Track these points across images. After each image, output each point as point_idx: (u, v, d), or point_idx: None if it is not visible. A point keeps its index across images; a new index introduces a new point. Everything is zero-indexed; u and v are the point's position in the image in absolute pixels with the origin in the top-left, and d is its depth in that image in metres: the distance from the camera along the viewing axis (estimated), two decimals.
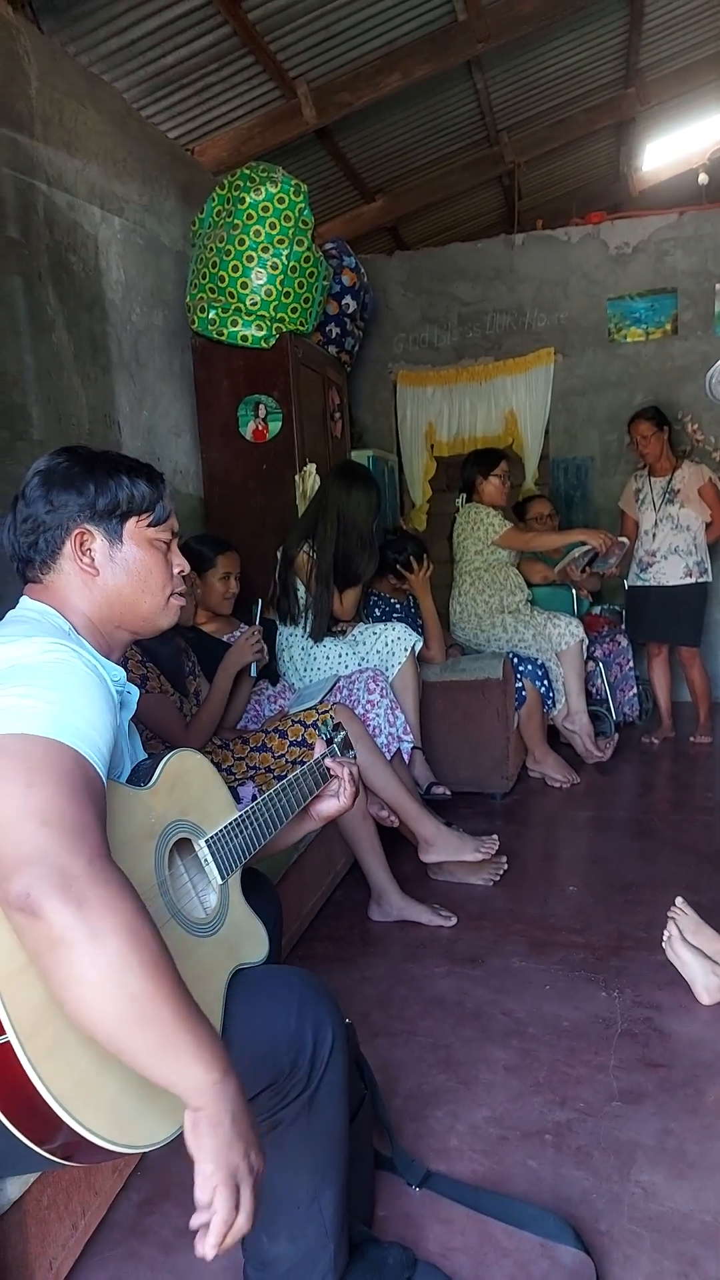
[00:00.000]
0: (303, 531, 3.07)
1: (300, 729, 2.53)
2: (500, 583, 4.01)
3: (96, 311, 3.23)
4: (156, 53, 3.37)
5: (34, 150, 2.87)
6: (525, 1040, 1.94)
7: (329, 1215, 1.18)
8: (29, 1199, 1.22)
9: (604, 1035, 1.95)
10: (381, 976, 2.26)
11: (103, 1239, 1.45)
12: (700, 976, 2.02)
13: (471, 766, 3.61)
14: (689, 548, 4.29)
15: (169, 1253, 1.42)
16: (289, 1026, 1.12)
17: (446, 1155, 1.61)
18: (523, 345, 5.31)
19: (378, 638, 3.08)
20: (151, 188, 3.63)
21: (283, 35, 3.57)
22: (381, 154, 4.93)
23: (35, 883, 0.80)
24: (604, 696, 4.50)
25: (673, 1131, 1.63)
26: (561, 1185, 1.52)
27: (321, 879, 2.66)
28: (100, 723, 0.98)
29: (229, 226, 3.46)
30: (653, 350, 5.15)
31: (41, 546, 1.18)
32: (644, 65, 4.81)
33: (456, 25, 3.84)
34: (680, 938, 2.07)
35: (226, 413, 3.80)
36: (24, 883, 0.80)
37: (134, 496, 1.20)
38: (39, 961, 0.82)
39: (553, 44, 4.36)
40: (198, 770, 1.22)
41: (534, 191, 5.99)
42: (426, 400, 5.51)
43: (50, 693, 0.95)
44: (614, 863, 2.93)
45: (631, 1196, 1.48)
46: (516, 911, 2.59)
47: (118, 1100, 0.88)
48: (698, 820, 3.30)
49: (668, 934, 2.09)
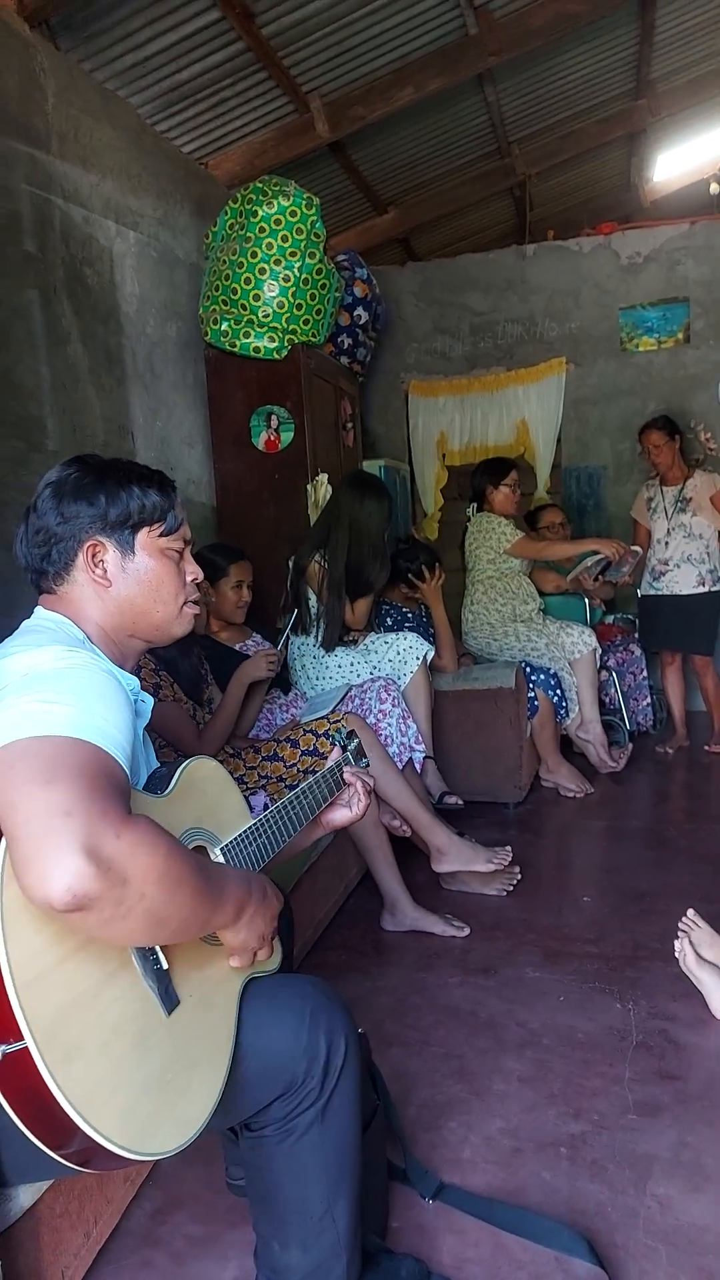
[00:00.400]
0: (315, 541, 3.08)
1: (312, 738, 2.53)
2: (513, 592, 4.01)
3: (111, 324, 3.26)
4: (171, 69, 3.41)
5: (50, 166, 2.90)
6: (539, 1051, 1.93)
7: (342, 1225, 1.18)
8: (42, 1206, 1.22)
9: (619, 1047, 1.93)
10: (394, 986, 2.25)
11: (115, 1247, 1.45)
12: (716, 991, 2.00)
13: (484, 776, 3.60)
14: (702, 556, 4.27)
15: (181, 1262, 1.42)
16: (302, 1035, 1.12)
17: (460, 1166, 1.60)
18: (534, 355, 5.32)
19: (389, 647, 3.08)
20: (166, 202, 3.66)
21: (296, 51, 3.60)
22: (393, 167, 4.96)
23: (75, 881, 0.81)
24: (617, 706, 4.48)
25: (689, 1144, 1.62)
26: (576, 1198, 1.51)
27: (334, 888, 2.66)
28: (120, 721, 0.99)
29: (242, 239, 3.49)
30: (665, 359, 5.15)
31: (54, 558, 1.19)
32: (655, 77, 4.82)
33: (468, 39, 3.86)
34: (694, 954, 2.05)
35: (239, 423, 3.82)
36: (64, 884, 0.81)
37: (145, 507, 1.21)
38: (97, 934, 0.89)
39: (564, 56, 4.38)
40: (213, 777, 1.23)
41: (545, 202, 6.00)
42: (438, 410, 5.52)
43: (69, 696, 0.96)
44: (628, 872, 2.91)
45: (647, 1210, 1.47)
46: (530, 921, 2.58)
47: (133, 1107, 0.88)
48: (713, 829, 3.28)
49: (680, 949, 2.07)
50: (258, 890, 1.10)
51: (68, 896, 0.81)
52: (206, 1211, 1.53)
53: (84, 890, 0.81)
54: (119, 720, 0.99)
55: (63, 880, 0.81)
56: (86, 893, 0.81)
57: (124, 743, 0.98)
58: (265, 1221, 1.19)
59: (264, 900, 1.11)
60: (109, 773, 0.92)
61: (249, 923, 1.08)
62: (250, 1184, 1.21)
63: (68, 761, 0.88)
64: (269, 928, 1.12)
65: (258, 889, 1.10)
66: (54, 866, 0.81)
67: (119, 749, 0.96)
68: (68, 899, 0.81)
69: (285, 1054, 1.11)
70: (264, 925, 1.11)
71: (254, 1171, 1.19)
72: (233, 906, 1.04)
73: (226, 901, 1.02)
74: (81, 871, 0.81)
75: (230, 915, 1.04)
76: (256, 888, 1.10)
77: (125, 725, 1.00)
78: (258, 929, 1.10)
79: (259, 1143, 1.16)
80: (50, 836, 0.82)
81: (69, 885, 0.81)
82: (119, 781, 0.93)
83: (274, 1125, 1.14)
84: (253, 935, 1.09)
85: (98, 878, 0.82)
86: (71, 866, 0.81)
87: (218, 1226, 1.49)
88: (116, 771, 0.93)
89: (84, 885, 0.81)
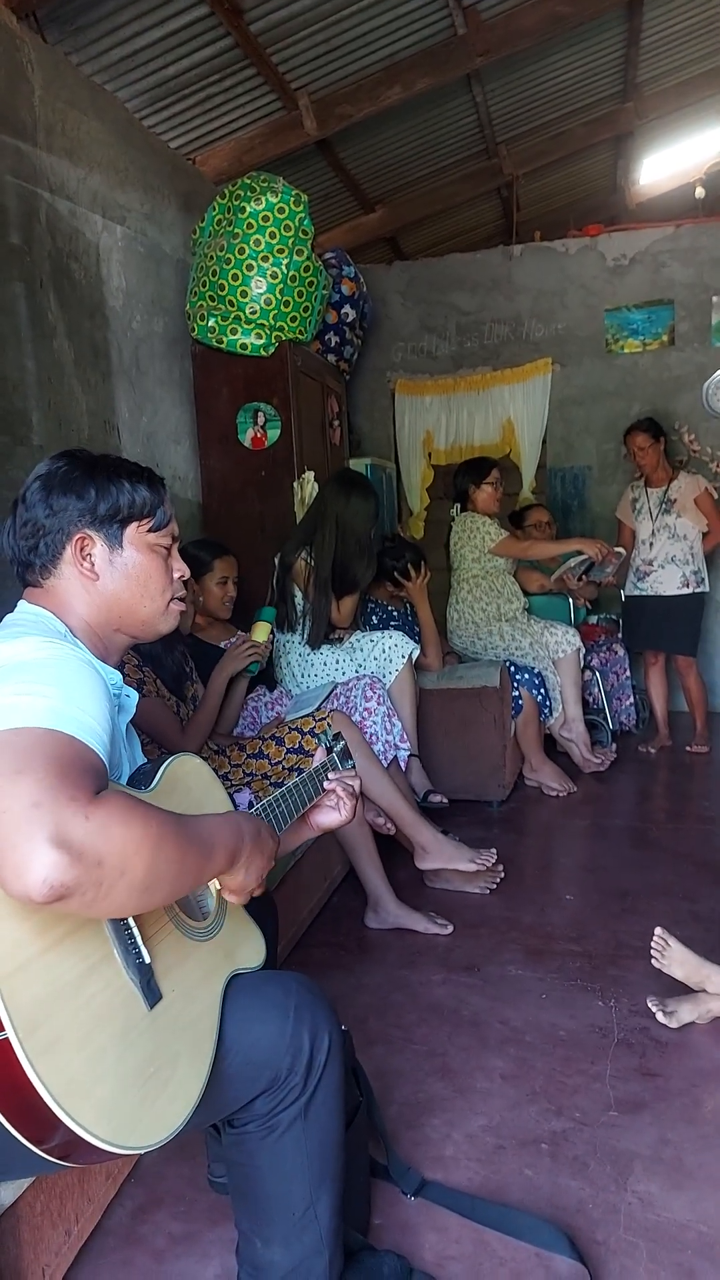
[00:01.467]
0: (300, 538, 3.07)
1: (298, 736, 2.52)
2: (497, 591, 4.02)
3: (97, 318, 3.24)
4: (159, 63, 3.39)
5: (37, 158, 2.88)
6: (522, 1049, 1.94)
7: (325, 1222, 1.18)
8: (23, 1204, 1.22)
9: (600, 1044, 1.94)
10: (378, 984, 2.25)
11: (96, 1246, 1.44)
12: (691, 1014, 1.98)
13: (468, 774, 3.61)
14: (686, 557, 4.30)
15: (162, 1260, 1.42)
16: (285, 1031, 1.12)
17: (442, 1163, 1.60)
18: (520, 355, 5.34)
19: (375, 645, 3.08)
20: (153, 197, 3.64)
21: (284, 47, 3.60)
22: (381, 165, 4.96)
23: (50, 872, 0.80)
24: (600, 705, 4.50)
25: (670, 1141, 1.63)
26: (558, 1194, 1.51)
27: (318, 885, 2.66)
28: (97, 711, 0.98)
29: (229, 235, 3.48)
30: (650, 361, 5.18)
31: (42, 551, 1.18)
32: (642, 80, 4.84)
33: (456, 39, 3.87)
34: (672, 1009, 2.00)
35: (225, 420, 3.81)
36: (40, 877, 0.80)
37: (134, 501, 1.20)
38: (86, 914, 0.89)
39: (551, 58, 4.39)
40: (197, 774, 1.22)
41: (532, 203, 6.02)
42: (424, 409, 5.53)
43: (46, 687, 0.95)
44: (611, 871, 2.93)
45: (628, 1206, 1.48)
46: (513, 920, 2.58)
47: (115, 1100, 0.88)
48: (694, 829, 3.30)
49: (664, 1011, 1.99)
50: (250, 832, 1.10)
51: (45, 889, 0.80)
52: (188, 1209, 1.52)
53: (60, 880, 0.80)
54: (96, 711, 0.98)
55: (38, 874, 0.80)
56: (63, 882, 0.81)
57: (101, 733, 0.97)
58: (247, 1218, 1.19)
59: (258, 840, 1.12)
60: (81, 760, 0.90)
61: (246, 865, 1.09)
62: (232, 1181, 1.21)
63: (39, 752, 0.87)
64: (265, 866, 1.13)
65: (250, 831, 1.10)
66: (27, 861, 0.80)
67: (95, 738, 0.95)
68: (46, 892, 0.80)
69: (269, 1050, 1.11)
70: (260, 864, 1.12)
71: (236, 1168, 1.18)
72: (224, 854, 1.04)
73: (216, 851, 1.02)
74: (55, 862, 0.80)
75: (224, 862, 1.05)
76: (249, 830, 1.10)
77: (103, 716, 0.99)
78: (256, 869, 1.11)
79: (241, 1139, 1.15)
80: (20, 831, 0.81)
81: (45, 878, 0.80)
82: (92, 765, 0.91)
83: (257, 1122, 1.14)
84: (251, 876, 1.10)
85: (72, 865, 0.81)
86: (45, 859, 0.80)
87: (199, 1224, 1.49)
88: (90, 757, 0.92)
89: (59, 876, 0.80)
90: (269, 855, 1.14)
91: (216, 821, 1.06)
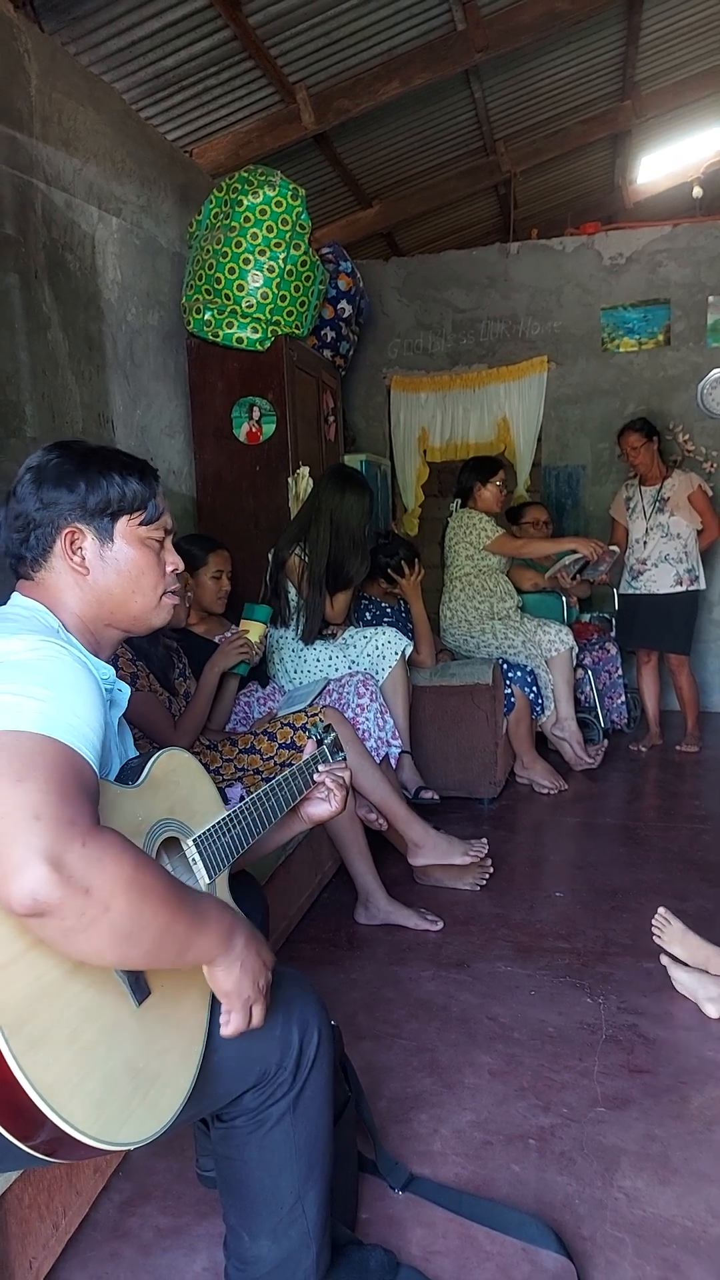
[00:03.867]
0: (295, 534, 3.07)
1: (289, 731, 2.52)
2: (491, 589, 4.02)
3: (92, 311, 3.22)
4: (157, 54, 3.37)
5: (33, 148, 2.87)
6: (510, 1045, 1.94)
7: (312, 1216, 1.18)
8: (10, 1198, 1.21)
9: (589, 1041, 1.95)
10: (367, 979, 2.26)
11: (84, 1239, 1.44)
12: (700, 990, 2.02)
13: (460, 771, 3.61)
14: (679, 556, 4.31)
15: (149, 1254, 1.42)
16: (275, 1027, 1.12)
17: (430, 1159, 1.61)
18: (516, 353, 5.34)
19: (368, 641, 3.08)
20: (149, 189, 3.63)
21: (283, 40, 3.58)
22: (379, 160, 4.95)
23: (38, 887, 0.80)
24: (592, 704, 4.51)
25: (656, 1137, 1.63)
26: (545, 1190, 1.52)
27: (309, 881, 2.66)
28: (91, 716, 0.98)
29: (226, 229, 3.47)
30: (645, 360, 5.18)
31: (32, 544, 1.17)
32: (640, 79, 4.84)
33: (455, 35, 3.86)
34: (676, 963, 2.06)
35: (220, 414, 3.80)
36: (25, 889, 0.80)
37: (125, 495, 1.19)
38: (57, 946, 0.86)
39: (550, 55, 4.39)
40: (185, 769, 1.22)
41: (529, 201, 6.02)
42: (420, 406, 5.53)
43: (39, 689, 0.95)
44: (601, 869, 2.94)
45: (615, 1202, 1.49)
46: (503, 916, 2.59)
47: (102, 1096, 0.88)
48: (685, 828, 3.31)
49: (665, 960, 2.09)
50: (245, 927, 1.06)
51: (27, 901, 0.80)
52: (176, 1203, 1.52)
53: (44, 896, 0.80)
54: (90, 716, 0.98)
55: (25, 885, 0.80)
56: (47, 899, 0.81)
57: (94, 740, 0.97)
58: (235, 1212, 1.19)
59: (252, 938, 1.06)
60: (79, 776, 0.90)
61: (241, 957, 1.03)
62: (220, 1175, 1.21)
63: (39, 761, 0.87)
64: (262, 974, 1.07)
65: (245, 926, 1.06)
66: (18, 870, 0.80)
67: (89, 747, 0.95)
68: (27, 904, 0.80)
69: (258, 1045, 1.11)
70: (256, 966, 1.06)
71: (224, 1162, 1.19)
72: (216, 931, 0.99)
73: (208, 923, 0.98)
74: (44, 878, 0.80)
75: (215, 941, 0.99)
76: (244, 925, 1.06)
77: (96, 720, 0.99)
78: (251, 970, 1.05)
79: (230, 1133, 1.16)
80: (17, 839, 0.81)
81: (30, 890, 0.80)
82: (88, 785, 0.92)
83: (245, 1116, 1.14)
84: (246, 978, 1.04)
85: (59, 885, 0.81)
86: (35, 872, 0.80)
87: (187, 1218, 1.49)
88: (86, 773, 0.92)
89: (44, 891, 0.80)
90: (264, 963, 1.08)
91: (214, 900, 1.03)
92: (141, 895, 0.87)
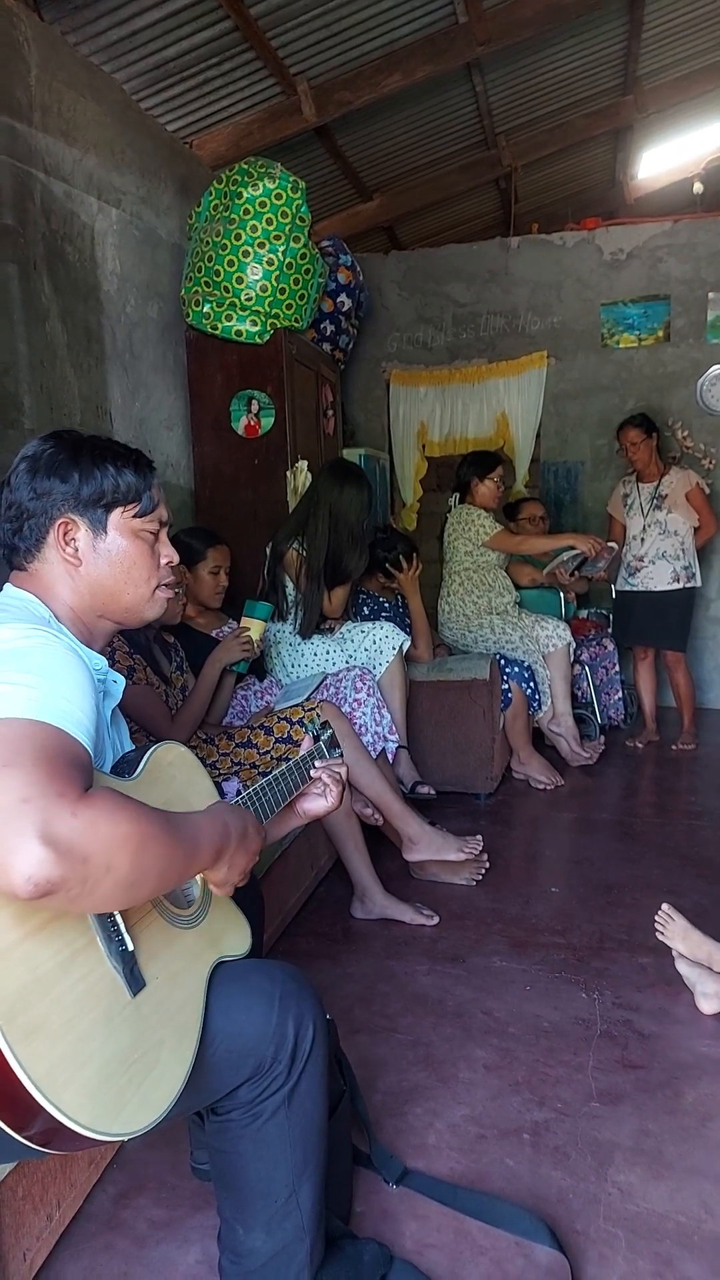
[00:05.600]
0: (293, 528, 3.06)
1: (286, 726, 2.52)
2: (489, 584, 4.02)
3: (91, 302, 3.21)
4: (158, 45, 3.35)
5: (32, 138, 2.85)
6: (505, 1039, 1.95)
7: (307, 1209, 1.18)
8: (4, 1189, 1.22)
9: (584, 1036, 1.95)
10: (363, 973, 2.26)
11: (78, 1231, 1.44)
12: (699, 985, 2.02)
13: (456, 766, 3.61)
14: (677, 553, 4.31)
15: (143, 1245, 1.42)
16: (270, 1020, 1.12)
17: (425, 1152, 1.61)
18: (516, 348, 5.33)
19: (366, 636, 3.08)
20: (149, 180, 3.61)
21: (284, 32, 3.56)
22: (380, 153, 4.93)
23: (36, 869, 0.80)
24: (589, 700, 4.51)
25: (650, 1132, 1.64)
26: (539, 1184, 1.52)
27: (305, 875, 2.66)
28: (82, 701, 0.98)
29: (226, 221, 3.45)
30: (645, 356, 5.17)
31: (26, 534, 1.17)
32: (642, 73, 4.83)
33: (457, 27, 3.84)
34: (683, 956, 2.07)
35: (219, 407, 3.79)
36: (25, 873, 0.80)
37: (119, 486, 1.18)
38: (69, 909, 0.89)
39: (552, 49, 4.37)
40: (182, 762, 1.22)
41: (530, 195, 6.00)
42: (419, 400, 5.51)
43: (30, 676, 0.94)
44: (596, 865, 2.94)
45: (608, 1196, 1.49)
46: (499, 911, 2.59)
47: (97, 1087, 0.88)
48: (681, 824, 3.32)
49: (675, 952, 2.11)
50: (236, 827, 1.10)
51: (30, 886, 0.80)
52: (170, 1195, 1.52)
53: (45, 876, 0.80)
54: (82, 700, 0.97)
55: (23, 869, 0.80)
56: (48, 878, 0.80)
57: (87, 723, 0.96)
58: (229, 1205, 1.19)
59: (244, 836, 1.11)
60: (68, 753, 0.90)
61: (230, 861, 1.08)
62: (215, 1167, 1.21)
63: (26, 745, 0.87)
64: (249, 862, 1.13)
65: (236, 829, 1.10)
66: (13, 856, 0.80)
67: (81, 729, 0.94)
68: (30, 888, 0.80)
69: (254, 1038, 1.11)
70: (245, 861, 1.11)
71: (219, 1155, 1.19)
72: (210, 851, 1.04)
73: (201, 848, 1.02)
74: (40, 858, 0.80)
75: (209, 858, 1.04)
76: (235, 826, 1.10)
77: (88, 705, 0.99)
78: (239, 866, 1.10)
79: (225, 1126, 1.16)
80: (7, 826, 0.81)
81: (29, 874, 0.80)
82: (79, 759, 0.91)
83: (240, 1109, 1.14)
84: (234, 872, 1.10)
85: (58, 862, 0.81)
86: (31, 855, 0.80)
87: (181, 1210, 1.49)
88: (77, 750, 0.92)
89: (44, 872, 0.80)
90: (254, 850, 1.13)
91: (203, 818, 1.06)
92: (140, 846, 0.89)
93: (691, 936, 2.07)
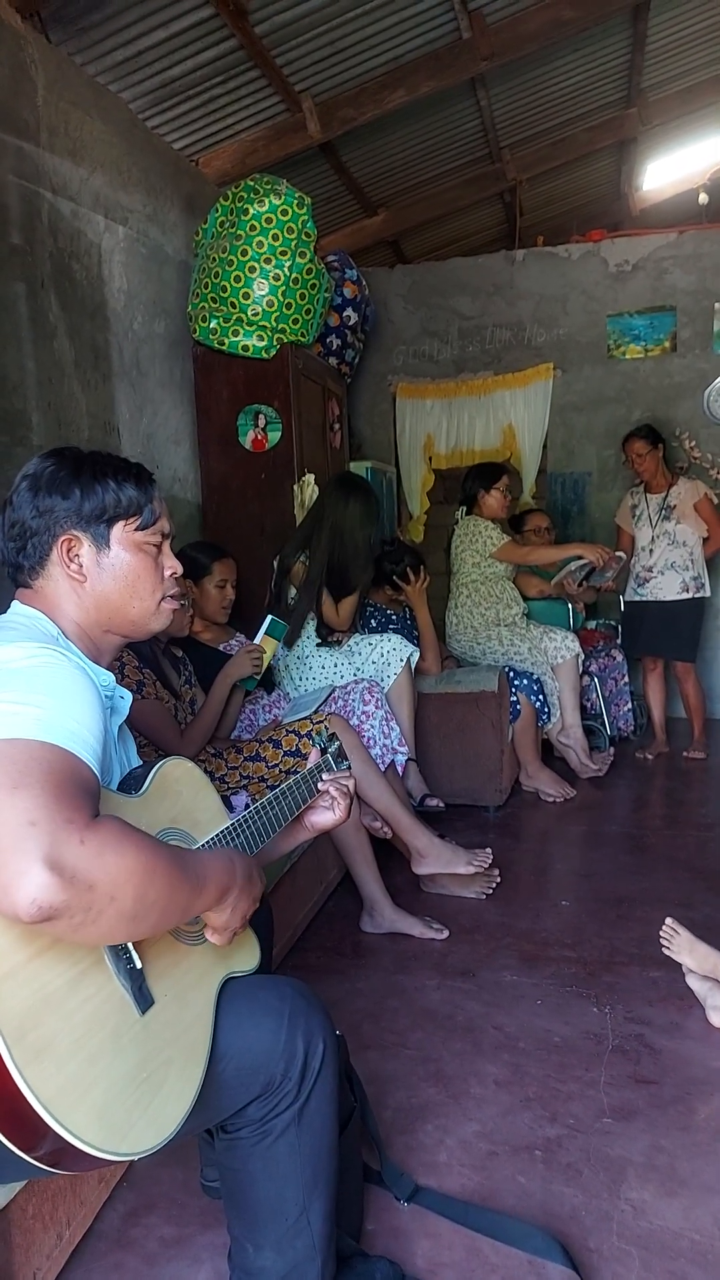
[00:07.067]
0: (299, 541, 3.07)
1: (294, 739, 2.52)
2: (496, 596, 4.01)
3: (98, 319, 3.24)
4: (163, 64, 3.39)
5: (39, 158, 2.89)
6: (516, 1055, 1.93)
7: (317, 1227, 1.17)
8: (14, 1208, 1.21)
9: (595, 1051, 1.94)
10: (372, 988, 2.25)
11: (88, 1249, 1.43)
12: (709, 998, 2.01)
13: (465, 779, 3.60)
14: (685, 563, 4.30)
15: (154, 1264, 1.41)
16: (280, 1036, 1.12)
17: (436, 1169, 1.60)
18: (522, 360, 5.34)
19: (373, 648, 3.08)
20: (155, 198, 3.65)
21: (289, 50, 3.60)
22: (384, 169, 4.96)
23: (40, 893, 0.80)
24: (598, 711, 4.50)
25: (663, 1149, 1.62)
26: (551, 1201, 1.51)
27: (313, 889, 2.65)
28: (90, 721, 0.98)
29: (232, 237, 3.48)
30: (651, 367, 5.18)
31: (29, 552, 1.17)
32: (646, 86, 4.85)
33: (461, 43, 3.87)
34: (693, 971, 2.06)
35: (226, 422, 3.81)
36: (29, 897, 0.80)
37: (121, 500, 1.19)
38: (66, 938, 0.87)
39: (556, 63, 4.39)
40: (188, 778, 1.22)
41: (535, 208, 6.03)
42: (425, 413, 5.53)
43: (38, 696, 0.95)
44: (607, 878, 2.92)
45: (621, 1214, 1.47)
46: (508, 925, 2.58)
47: (106, 1106, 0.88)
48: (691, 836, 3.30)
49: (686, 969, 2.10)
50: (242, 874, 1.09)
51: (33, 910, 0.80)
52: (180, 1213, 1.52)
53: (49, 902, 0.80)
54: (89, 721, 0.98)
55: (28, 893, 0.80)
56: (52, 904, 0.80)
57: (94, 744, 0.97)
58: (240, 1223, 1.19)
59: (248, 883, 1.10)
60: (77, 777, 0.90)
61: (233, 905, 1.08)
62: (225, 1185, 1.21)
63: (35, 767, 0.87)
64: (250, 908, 1.12)
65: (242, 873, 1.09)
66: (18, 880, 0.80)
67: (89, 750, 0.95)
68: (33, 912, 0.80)
69: (263, 1055, 1.10)
70: (246, 906, 1.11)
71: (229, 1173, 1.18)
72: (215, 891, 1.03)
73: (207, 887, 1.01)
74: (45, 884, 0.80)
75: (213, 899, 1.04)
76: (241, 871, 1.09)
77: (96, 725, 0.99)
78: (241, 910, 1.10)
79: (235, 1144, 1.15)
80: (14, 849, 0.81)
81: (34, 898, 0.80)
82: (87, 784, 0.91)
83: (250, 1127, 1.13)
84: (235, 916, 1.09)
85: (62, 888, 0.81)
86: (36, 879, 0.80)
87: (191, 1228, 1.48)
88: (85, 774, 0.92)
89: (49, 897, 0.80)
90: (254, 898, 1.13)
91: (211, 858, 1.06)
92: (146, 879, 0.89)
93: (698, 949, 2.06)
